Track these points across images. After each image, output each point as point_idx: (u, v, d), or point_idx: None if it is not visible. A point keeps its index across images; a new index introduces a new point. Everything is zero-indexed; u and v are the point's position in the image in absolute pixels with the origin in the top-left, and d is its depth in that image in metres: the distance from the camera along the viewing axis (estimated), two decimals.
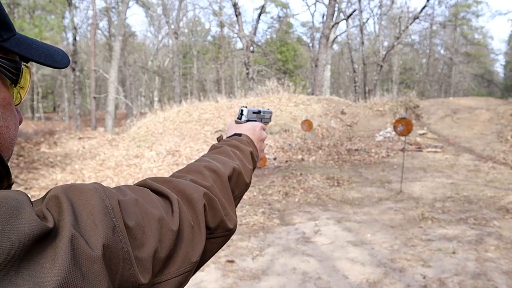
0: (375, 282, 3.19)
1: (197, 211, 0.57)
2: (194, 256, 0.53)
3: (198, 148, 10.46)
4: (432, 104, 12.60)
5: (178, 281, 0.50)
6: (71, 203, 0.39)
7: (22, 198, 0.36)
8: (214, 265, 3.59)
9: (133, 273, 0.42)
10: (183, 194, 0.57)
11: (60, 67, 0.53)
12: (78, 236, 0.36)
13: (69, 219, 0.37)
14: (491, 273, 3.27)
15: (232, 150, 0.80)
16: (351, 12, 19.34)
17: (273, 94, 14.34)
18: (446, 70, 32.30)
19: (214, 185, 0.65)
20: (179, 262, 0.50)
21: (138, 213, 0.46)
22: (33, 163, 8.97)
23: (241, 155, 0.81)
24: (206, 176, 0.65)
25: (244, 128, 0.94)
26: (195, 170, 0.67)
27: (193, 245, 0.53)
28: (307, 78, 31.69)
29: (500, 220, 4.65)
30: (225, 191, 0.68)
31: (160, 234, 0.47)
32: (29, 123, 23.41)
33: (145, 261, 0.44)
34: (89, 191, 0.42)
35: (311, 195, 6.24)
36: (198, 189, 0.59)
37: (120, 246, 0.41)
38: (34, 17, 13.73)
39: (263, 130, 0.98)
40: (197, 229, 0.55)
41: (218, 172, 0.68)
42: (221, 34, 28.65)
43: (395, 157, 9.26)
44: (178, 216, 0.52)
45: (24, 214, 0.34)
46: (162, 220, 0.48)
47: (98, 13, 21.76)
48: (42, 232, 0.34)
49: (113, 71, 15.62)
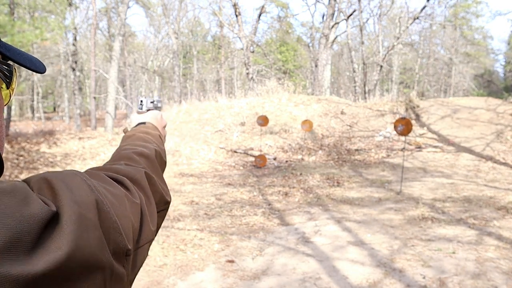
0: (375, 282, 3.19)
1: (144, 188, 0.64)
2: (153, 225, 0.61)
3: (198, 148, 10.46)
4: (432, 104, 12.60)
5: (147, 248, 0.58)
6: (62, 182, 0.44)
7: (26, 186, 0.40)
8: (214, 265, 3.60)
9: (122, 240, 0.47)
10: (128, 176, 0.62)
11: (41, 72, 0.59)
12: (78, 209, 0.41)
13: (66, 196, 0.41)
14: (491, 273, 3.27)
15: (145, 136, 0.88)
16: (351, 12, 19.33)
17: (273, 94, 14.34)
18: (446, 70, 32.29)
19: (146, 167, 0.71)
20: (147, 230, 0.57)
21: (109, 193, 0.50)
22: (33, 163, 8.97)
23: (153, 138, 0.89)
24: (137, 160, 0.72)
25: (147, 117, 1.02)
26: (126, 157, 0.73)
27: (151, 215, 0.61)
28: (307, 78, 31.70)
29: (500, 220, 4.66)
30: (156, 170, 0.75)
31: (130, 207, 0.53)
32: (29, 123, 23.40)
33: (128, 230, 0.49)
34: (69, 174, 0.47)
35: (311, 195, 6.25)
36: (138, 170, 0.66)
37: (109, 216, 0.45)
38: (34, 18, 13.73)
39: (162, 117, 1.07)
40: (148, 203, 0.62)
41: (146, 154, 0.76)
42: (221, 34, 28.64)
43: (395, 157, 9.27)
44: (135, 192, 0.58)
45: (34, 201, 0.38)
46: (127, 196, 0.55)
47: (98, 13, 21.77)
48: (49, 214, 0.38)
49: (113, 71, 15.62)
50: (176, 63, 23.76)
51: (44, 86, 31.50)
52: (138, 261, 0.55)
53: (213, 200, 5.98)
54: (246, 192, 6.48)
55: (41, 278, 0.34)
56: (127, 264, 0.49)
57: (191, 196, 6.19)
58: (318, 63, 18.05)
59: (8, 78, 0.51)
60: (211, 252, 3.90)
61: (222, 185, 7.17)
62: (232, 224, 4.79)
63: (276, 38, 30.89)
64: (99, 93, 24.49)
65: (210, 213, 5.26)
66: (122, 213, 0.50)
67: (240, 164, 9.24)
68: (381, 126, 11.42)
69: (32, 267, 0.34)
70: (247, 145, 10.66)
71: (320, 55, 17.64)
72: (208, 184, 7.28)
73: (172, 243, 4.06)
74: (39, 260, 0.35)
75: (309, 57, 30.65)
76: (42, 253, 0.35)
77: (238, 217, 5.07)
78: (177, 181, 7.54)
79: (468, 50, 31.34)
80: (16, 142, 10.46)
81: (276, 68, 28.47)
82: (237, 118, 12.22)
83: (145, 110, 1.05)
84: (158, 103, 1.12)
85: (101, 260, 0.41)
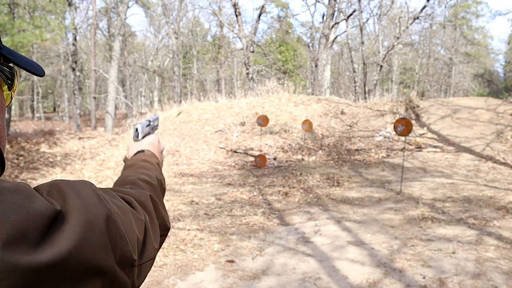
0: (375, 282, 3.19)
1: (149, 209, 0.66)
2: (156, 243, 0.63)
3: (198, 148, 10.46)
4: (432, 104, 12.60)
5: (150, 265, 0.60)
6: (72, 189, 0.46)
7: (30, 187, 0.42)
8: (214, 265, 3.60)
9: (128, 250, 0.49)
10: (134, 197, 0.64)
11: (41, 75, 0.61)
12: (87, 214, 0.43)
13: (75, 201, 0.44)
14: (490, 273, 3.27)
15: (145, 164, 0.90)
16: (351, 12, 19.34)
17: (273, 94, 14.34)
18: (446, 70, 32.28)
19: (150, 192, 0.74)
20: (151, 247, 0.60)
21: (116, 206, 0.52)
22: (33, 163, 8.97)
23: (153, 166, 0.91)
24: (141, 185, 0.76)
25: (144, 145, 1.01)
26: (130, 182, 0.76)
27: (154, 234, 0.63)
28: (307, 78, 31.70)
29: (500, 220, 4.66)
30: (158, 196, 0.78)
31: (136, 222, 0.55)
32: (29, 123, 23.39)
33: (133, 242, 0.51)
34: (80, 183, 0.49)
35: (311, 195, 6.25)
36: (144, 193, 0.69)
37: (117, 226, 0.47)
38: (34, 18, 13.73)
39: (159, 142, 1.06)
40: (152, 222, 0.65)
41: (149, 181, 0.79)
42: (221, 34, 28.64)
43: (395, 157, 9.27)
44: (140, 210, 0.61)
45: (38, 199, 0.40)
46: (133, 212, 0.57)
47: (98, 13, 21.76)
48: (54, 212, 0.40)
49: (113, 71, 15.62)
50: (176, 63, 23.76)
51: (44, 86, 31.49)
52: (143, 275, 0.56)
53: (213, 200, 5.98)
54: (246, 192, 6.48)
55: (46, 269, 0.37)
56: (132, 274, 0.51)
57: (191, 196, 6.19)
58: (318, 63, 18.05)
59: (10, 80, 0.53)
60: (211, 252, 3.90)
61: (222, 185, 7.17)
62: (232, 224, 4.80)
63: (276, 38, 30.88)
64: (99, 93, 24.48)
65: (210, 213, 5.26)
66: (128, 226, 0.51)
67: (240, 164, 9.25)
68: (381, 126, 11.42)
69: (39, 258, 0.37)
70: (247, 145, 10.66)
71: (320, 55, 17.64)
72: (208, 184, 7.28)
73: (172, 243, 4.07)
74: (45, 253, 0.37)
75: (309, 57, 30.63)
76: (47, 247, 0.38)
77: (238, 217, 5.07)
78: (177, 181, 7.54)
79: (468, 50, 31.33)
80: (16, 142, 10.46)
81: (276, 68, 28.47)
82: (237, 118, 12.22)
83: (141, 138, 1.02)
84: (155, 122, 1.10)
85: (103, 265, 0.43)
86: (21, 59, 0.56)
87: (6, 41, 9.68)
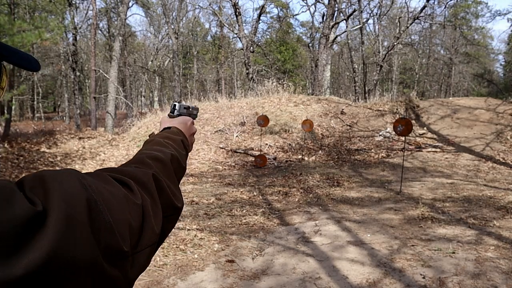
0: (375, 282, 3.20)
1: (150, 190, 0.62)
2: (157, 228, 0.59)
3: (198, 148, 10.46)
4: (432, 104, 12.60)
5: (149, 251, 0.57)
6: (55, 181, 0.43)
7: (12, 186, 0.40)
8: (214, 265, 3.60)
9: (115, 241, 0.46)
10: (134, 178, 0.61)
11: (36, 70, 0.59)
12: (66, 208, 0.41)
13: (56, 195, 0.41)
14: (490, 273, 3.27)
15: (164, 140, 0.87)
16: (351, 12, 19.34)
17: (273, 94, 14.34)
18: (446, 70, 32.29)
19: (157, 170, 0.70)
20: (149, 234, 0.56)
21: (107, 192, 0.50)
22: (33, 163, 8.97)
23: (173, 143, 0.88)
24: (148, 163, 0.72)
25: (175, 122, 1.00)
26: (137, 161, 0.73)
27: (155, 217, 0.59)
28: (307, 78, 31.69)
29: (499, 220, 4.66)
30: (169, 174, 0.74)
31: (129, 208, 0.52)
32: (29, 123, 23.40)
33: (123, 231, 0.48)
34: (65, 173, 0.46)
35: (310, 195, 6.25)
36: (146, 173, 0.65)
37: (102, 217, 0.45)
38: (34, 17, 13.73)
39: (193, 124, 1.05)
40: (154, 204, 0.61)
41: (160, 158, 0.75)
42: (221, 34, 28.64)
43: (395, 157, 9.27)
44: (138, 193, 0.57)
45: (17, 201, 0.37)
46: (127, 196, 0.54)
47: (98, 13, 21.77)
48: (34, 214, 0.37)
49: (113, 71, 15.62)
50: (176, 63, 23.76)
51: (44, 86, 31.48)
52: (138, 265, 0.54)
53: (213, 200, 5.98)
54: (246, 192, 6.48)
55: (22, 280, 0.34)
56: (122, 266, 0.48)
57: (191, 196, 6.20)
58: (318, 63, 18.05)
59: None
60: (211, 252, 3.90)
61: (222, 185, 7.18)
62: (232, 224, 4.80)
63: (276, 38, 30.88)
64: (99, 93, 24.47)
65: (210, 213, 5.27)
66: (119, 213, 0.49)
67: (240, 164, 9.25)
68: (381, 126, 11.42)
69: (11, 270, 0.33)
70: (247, 145, 10.66)
71: (320, 55, 17.64)
72: (208, 184, 7.28)
73: (172, 243, 4.07)
74: (20, 262, 0.34)
75: (309, 57, 30.64)
76: (23, 255, 0.35)
77: (238, 217, 5.07)
78: None
79: (468, 50, 31.34)
80: (16, 142, 10.46)
81: (276, 68, 28.48)
82: (237, 118, 12.22)
83: (176, 114, 1.03)
84: (194, 111, 1.11)
85: (88, 261, 0.41)
86: (16, 54, 0.54)
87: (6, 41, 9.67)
